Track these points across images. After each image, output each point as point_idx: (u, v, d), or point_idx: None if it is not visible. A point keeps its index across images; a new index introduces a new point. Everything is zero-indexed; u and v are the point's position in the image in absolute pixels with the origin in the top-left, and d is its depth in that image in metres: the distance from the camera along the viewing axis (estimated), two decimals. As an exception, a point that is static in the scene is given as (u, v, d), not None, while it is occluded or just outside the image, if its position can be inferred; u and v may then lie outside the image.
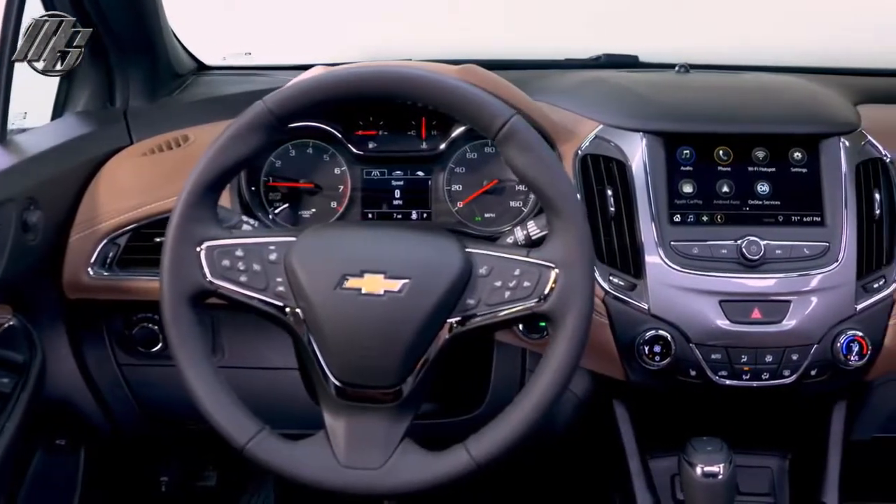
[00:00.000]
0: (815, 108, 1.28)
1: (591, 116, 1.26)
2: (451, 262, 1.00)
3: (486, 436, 0.99)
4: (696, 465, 1.09)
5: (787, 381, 1.17)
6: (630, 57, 1.67)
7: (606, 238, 1.18)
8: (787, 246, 1.18)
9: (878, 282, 1.18)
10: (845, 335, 1.16)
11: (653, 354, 1.15)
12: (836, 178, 1.21)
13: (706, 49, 1.68)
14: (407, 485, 0.99)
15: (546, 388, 0.98)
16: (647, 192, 1.19)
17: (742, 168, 1.23)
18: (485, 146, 1.29)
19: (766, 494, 1.27)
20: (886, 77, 1.63)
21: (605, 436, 1.27)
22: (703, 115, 1.25)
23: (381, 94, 1.01)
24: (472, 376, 1.32)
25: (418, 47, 1.66)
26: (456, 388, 1.32)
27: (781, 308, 1.16)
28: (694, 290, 1.16)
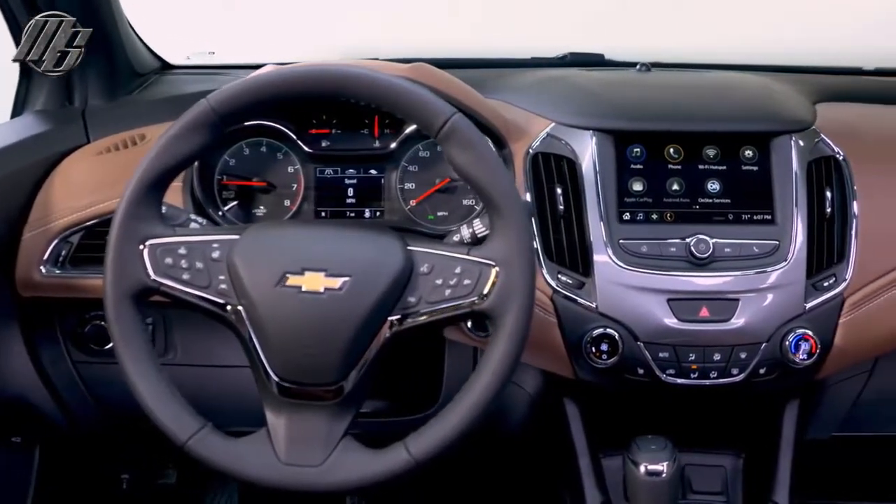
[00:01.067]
0: (768, 106, 1.28)
1: (543, 115, 1.26)
2: (392, 260, 1.00)
3: (426, 434, 0.99)
4: (640, 463, 1.09)
5: (735, 380, 1.17)
6: (596, 55, 1.67)
7: (556, 236, 1.18)
8: (736, 244, 1.18)
9: (829, 280, 1.18)
10: (794, 334, 1.15)
11: (600, 353, 1.15)
12: (786, 177, 1.20)
13: (672, 47, 1.68)
14: (346, 482, 1.00)
15: (485, 387, 0.98)
16: (596, 190, 1.19)
17: (693, 166, 1.22)
18: (437, 145, 1.29)
19: (719, 493, 1.27)
20: (848, 75, 1.62)
21: (557, 434, 1.27)
22: (654, 114, 1.25)
23: (323, 93, 1.02)
24: (425, 375, 1.32)
25: (386, 46, 1.67)
26: (410, 387, 1.32)
27: (730, 306, 1.16)
28: (642, 288, 1.16)
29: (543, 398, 1.28)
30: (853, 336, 1.18)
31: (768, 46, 1.70)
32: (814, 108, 1.31)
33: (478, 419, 0.99)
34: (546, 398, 1.28)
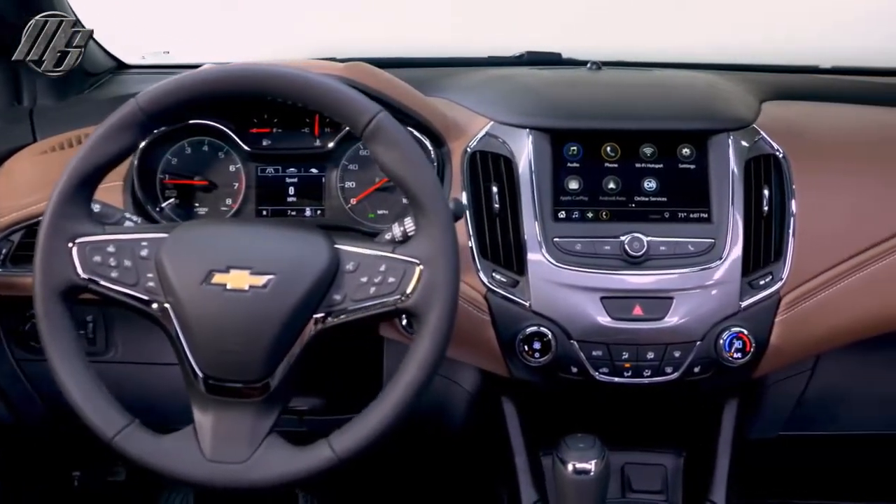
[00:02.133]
0: (706, 105, 1.28)
1: (483, 113, 1.26)
2: (317, 258, 1.00)
3: (349, 431, 1.00)
4: (568, 462, 1.09)
5: (669, 379, 1.16)
6: (553, 54, 1.67)
7: (491, 235, 1.18)
8: (671, 242, 1.18)
9: (765, 279, 1.18)
10: (729, 332, 1.15)
11: (532, 351, 1.15)
12: (723, 175, 1.20)
13: (632, 46, 1.68)
14: (270, 479, 1.00)
15: (408, 385, 0.99)
16: (531, 188, 1.19)
17: (629, 164, 1.22)
18: None
19: (659, 492, 1.27)
20: (805, 74, 1.62)
21: (496, 432, 1.27)
22: (590, 112, 1.25)
23: (248, 92, 1.02)
24: (365, 373, 1.32)
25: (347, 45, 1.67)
26: (350, 385, 1.33)
27: (663, 305, 1.16)
28: (575, 286, 1.16)
29: (482, 396, 1.29)
30: (789, 335, 1.18)
31: (728, 45, 1.69)
32: (758, 107, 1.31)
33: (401, 416, 0.99)
34: (485, 396, 1.29)
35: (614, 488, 1.27)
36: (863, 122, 1.38)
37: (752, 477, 1.42)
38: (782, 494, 1.57)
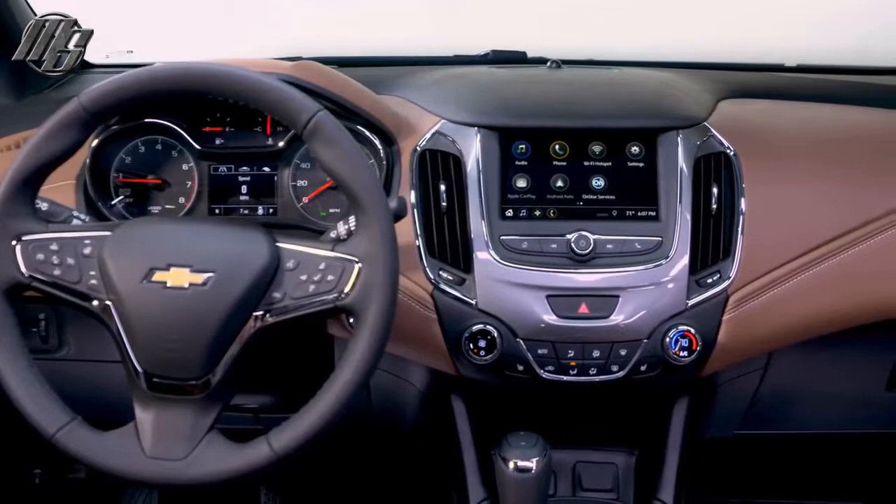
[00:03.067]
0: (656, 103, 1.28)
1: (434, 112, 1.27)
2: (258, 256, 1.01)
3: (288, 428, 1.00)
4: (509, 460, 1.09)
5: (615, 377, 1.16)
6: (518, 53, 1.67)
7: (438, 233, 1.18)
8: (618, 241, 1.18)
9: (713, 277, 1.17)
10: (675, 331, 1.15)
11: (478, 349, 1.15)
12: (672, 173, 1.20)
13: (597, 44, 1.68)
14: (208, 475, 1.01)
15: (345, 383, 0.99)
16: (478, 187, 1.19)
17: (578, 163, 1.22)
18: None
19: (609, 490, 1.27)
20: (770, 72, 1.62)
21: (446, 430, 1.28)
22: (539, 111, 1.25)
23: (190, 90, 1.03)
24: (318, 371, 1.32)
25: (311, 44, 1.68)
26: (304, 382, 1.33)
27: (609, 303, 1.16)
28: (521, 284, 1.16)
29: (433, 394, 1.29)
30: (737, 333, 1.18)
31: (694, 44, 1.69)
32: (713, 105, 1.31)
33: (339, 413, 0.99)
34: (435, 394, 1.29)
35: (565, 486, 1.27)
36: (820, 121, 1.37)
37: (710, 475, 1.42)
38: (741, 493, 1.57)
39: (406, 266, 1.17)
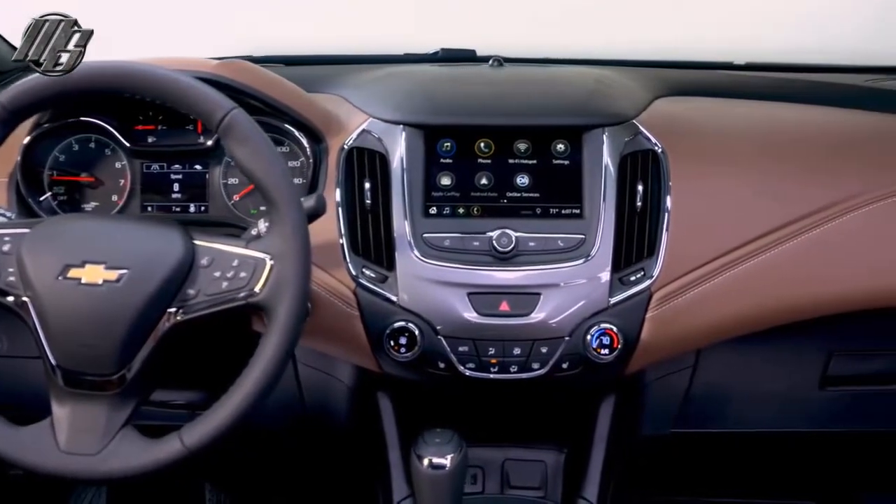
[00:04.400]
0: (583, 100, 1.27)
1: (364, 110, 1.27)
2: (172, 253, 1.02)
3: (200, 425, 1.01)
4: (423, 457, 1.09)
5: (536, 374, 1.16)
6: (467, 51, 1.67)
7: (363, 231, 1.19)
8: (541, 238, 1.18)
9: (636, 275, 1.17)
10: (597, 328, 1.15)
11: (398, 346, 1.15)
12: (596, 170, 1.19)
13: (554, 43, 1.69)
14: (121, 470, 1.02)
15: (256, 379, 1.00)
16: (402, 185, 1.19)
17: (502, 160, 1.22)
18: None
19: (537, 488, 1.26)
20: (718, 70, 1.61)
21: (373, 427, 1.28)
22: (464, 109, 1.25)
23: (107, 88, 1.05)
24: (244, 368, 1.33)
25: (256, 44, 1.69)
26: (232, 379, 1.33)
27: (531, 301, 1.16)
28: (443, 282, 1.16)
29: (361, 391, 1.29)
30: (660, 331, 1.17)
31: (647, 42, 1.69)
32: (647, 103, 1.30)
33: (250, 410, 1.00)
34: (363, 391, 1.29)
35: (494, 484, 1.27)
36: (758, 119, 1.37)
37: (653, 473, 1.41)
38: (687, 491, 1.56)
39: (329, 263, 1.18)
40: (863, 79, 1.55)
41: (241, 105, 1.21)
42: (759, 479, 1.62)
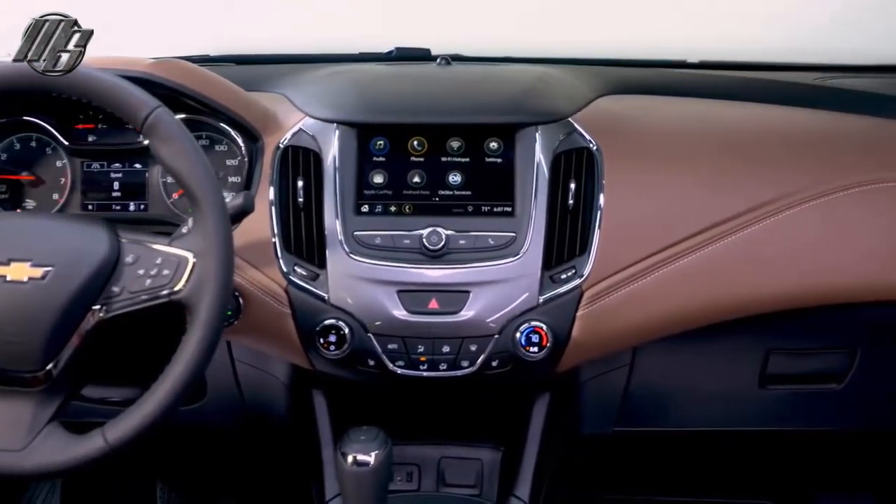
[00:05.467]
0: (517, 99, 1.27)
1: (301, 109, 1.27)
2: (97, 251, 1.03)
3: (122, 421, 1.01)
4: (348, 454, 1.09)
5: (465, 372, 1.16)
6: (422, 50, 1.67)
7: (295, 229, 1.19)
8: (471, 236, 1.18)
9: (568, 272, 1.17)
10: (526, 326, 1.15)
11: (328, 343, 1.16)
12: (529, 169, 1.19)
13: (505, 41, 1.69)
14: (44, 466, 1.02)
15: (178, 376, 1.00)
16: (334, 183, 1.19)
17: (435, 159, 1.22)
18: (198, 138, 1.30)
19: (472, 486, 1.26)
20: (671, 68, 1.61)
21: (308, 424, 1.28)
22: (398, 107, 1.25)
23: (32, 89, 1.06)
24: None
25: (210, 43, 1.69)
26: None
27: (460, 299, 1.16)
28: (372, 280, 1.16)
29: (297, 388, 1.30)
30: (591, 329, 1.17)
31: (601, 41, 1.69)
32: (588, 101, 1.30)
33: (173, 406, 1.01)
34: (299, 389, 1.30)
35: (430, 482, 1.27)
36: (700, 118, 1.36)
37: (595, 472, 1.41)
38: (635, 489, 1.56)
39: (262, 262, 1.18)
40: (812, 77, 1.55)
41: (178, 104, 1.24)
42: (713, 477, 1.62)
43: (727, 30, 1.69)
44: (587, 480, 1.50)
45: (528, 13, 1.77)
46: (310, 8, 1.85)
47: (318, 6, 1.85)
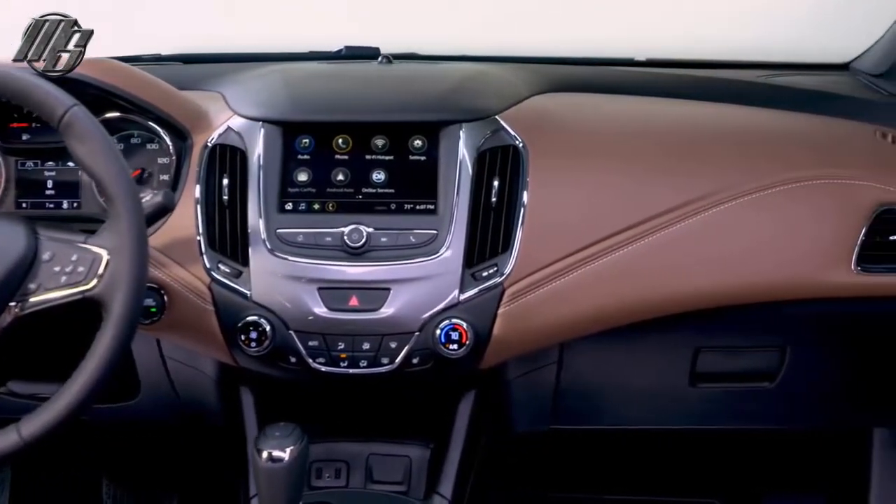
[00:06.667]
0: (443, 97, 1.27)
1: (231, 107, 1.28)
2: (14, 248, 1.04)
3: (37, 417, 1.02)
4: (263, 450, 1.10)
5: (386, 369, 1.17)
6: (371, 49, 1.67)
7: (220, 227, 1.20)
8: (393, 234, 1.18)
9: (489, 270, 1.17)
10: (446, 323, 1.15)
11: (249, 340, 1.16)
12: (452, 166, 1.20)
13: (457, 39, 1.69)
14: None
15: (91, 372, 1.01)
16: (258, 181, 1.20)
17: (359, 156, 1.23)
18: (130, 137, 1.31)
19: (399, 483, 1.27)
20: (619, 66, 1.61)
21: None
22: (323, 106, 1.26)
23: None
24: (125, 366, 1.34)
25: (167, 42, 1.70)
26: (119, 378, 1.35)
27: (380, 296, 1.16)
28: (294, 277, 1.17)
29: (226, 385, 1.30)
30: (512, 326, 1.17)
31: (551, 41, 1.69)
32: (520, 99, 1.30)
33: (86, 403, 1.01)
34: (228, 385, 1.30)
35: (358, 479, 1.27)
36: (637, 115, 1.36)
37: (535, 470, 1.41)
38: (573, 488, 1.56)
39: (186, 259, 1.19)
40: (756, 74, 1.54)
41: (110, 103, 1.25)
42: (661, 476, 1.62)
43: (675, 28, 1.69)
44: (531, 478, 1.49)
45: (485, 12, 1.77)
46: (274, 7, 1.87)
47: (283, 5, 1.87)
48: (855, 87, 1.53)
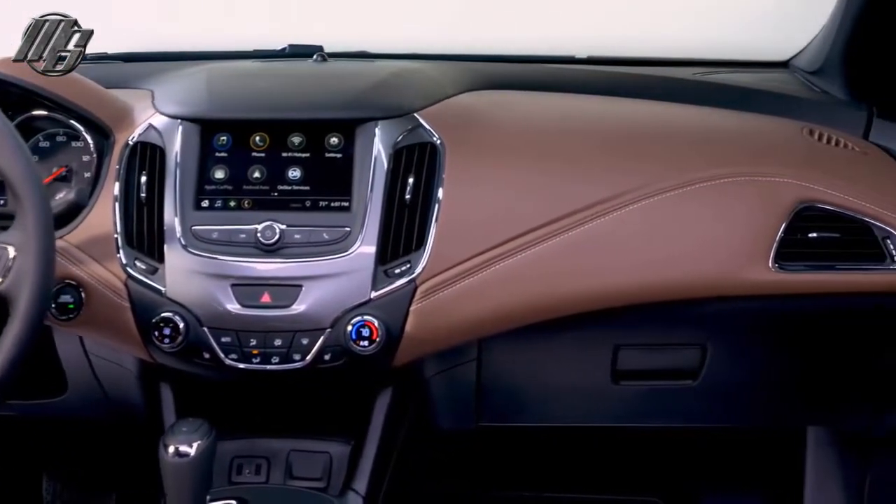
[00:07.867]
0: (359, 94, 1.28)
1: (155, 105, 1.29)
2: None
3: None
4: (169, 445, 1.10)
5: (297, 366, 1.17)
6: (315, 47, 1.68)
7: (138, 224, 1.21)
8: (306, 231, 1.18)
9: (402, 267, 1.17)
10: (357, 320, 1.16)
11: (163, 336, 1.17)
12: (367, 163, 1.20)
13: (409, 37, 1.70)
14: None
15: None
16: (175, 178, 1.21)
17: (276, 154, 1.23)
18: (56, 135, 1.32)
19: (318, 479, 1.27)
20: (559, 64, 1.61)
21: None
22: (241, 104, 1.27)
23: None
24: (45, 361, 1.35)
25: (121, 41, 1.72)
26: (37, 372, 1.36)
27: (292, 293, 1.17)
28: (208, 273, 1.17)
29: (147, 381, 1.31)
30: (425, 323, 1.17)
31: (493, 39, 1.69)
32: (442, 97, 1.30)
33: None
34: (150, 381, 1.31)
35: (278, 475, 1.28)
36: (566, 113, 1.36)
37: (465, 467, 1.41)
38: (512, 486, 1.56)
39: (103, 256, 1.20)
40: (696, 72, 1.54)
41: (34, 101, 1.26)
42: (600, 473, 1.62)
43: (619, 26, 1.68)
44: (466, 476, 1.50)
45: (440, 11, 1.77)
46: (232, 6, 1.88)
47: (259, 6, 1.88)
48: (793, 84, 1.53)
